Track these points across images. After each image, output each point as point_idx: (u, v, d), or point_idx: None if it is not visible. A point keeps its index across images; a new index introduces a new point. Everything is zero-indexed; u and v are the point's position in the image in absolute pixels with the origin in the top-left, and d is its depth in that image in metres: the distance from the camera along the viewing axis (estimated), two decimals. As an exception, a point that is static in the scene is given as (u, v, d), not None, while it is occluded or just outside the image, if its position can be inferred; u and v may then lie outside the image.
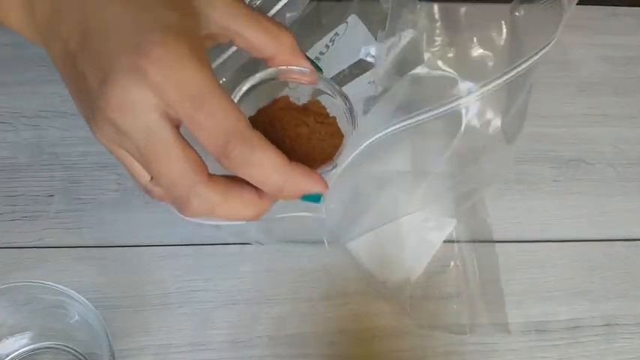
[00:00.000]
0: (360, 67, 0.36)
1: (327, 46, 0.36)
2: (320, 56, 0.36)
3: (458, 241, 0.39)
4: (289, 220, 0.34)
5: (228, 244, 0.38)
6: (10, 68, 0.43)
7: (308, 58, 0.25)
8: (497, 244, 0.39)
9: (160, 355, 0.35)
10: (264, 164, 0.20)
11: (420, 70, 0.30)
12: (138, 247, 0.38)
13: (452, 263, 0.39)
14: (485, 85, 0.30)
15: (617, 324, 0.38)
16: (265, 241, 0.37)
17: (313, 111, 0.25)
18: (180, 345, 0.35)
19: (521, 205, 0.41)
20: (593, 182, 0.42)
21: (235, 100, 0.24)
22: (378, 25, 0.32)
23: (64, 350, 0.34)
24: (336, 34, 0.36)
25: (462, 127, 0.31)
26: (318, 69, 0.26)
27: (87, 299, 0.36)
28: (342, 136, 0.25)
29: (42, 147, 0.41)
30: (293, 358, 0.35)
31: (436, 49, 0.30)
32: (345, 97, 0.26)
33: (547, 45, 0.29)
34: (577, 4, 0.30)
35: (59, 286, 0.30)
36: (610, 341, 0.37)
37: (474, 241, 0.39)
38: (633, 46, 0.48)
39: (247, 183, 0.21)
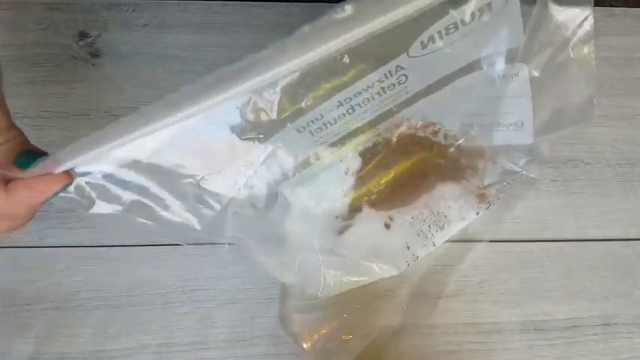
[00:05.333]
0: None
1: (473, 16, 0.28)
2: (460, 25, 0.28)
3: (458, 241, 0.39)
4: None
5: (229, 244, 0.38)
6: (10, 68, 0.43)
7: None
8: (497, 243, 0.39)
9: (160, 354, 0.35)
10: None
11: None
12: (138, 247, 0.38)
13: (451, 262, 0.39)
14: None
15: (616, 323, 0.38)
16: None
17: None
18: (181, 344, 0.36)
19: (521, 205, 0.41)
20: (592, 182, 0.42)
21: None
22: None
23: None
24: (489, 7, 0.28)
25: None
26: None
27: (87, 299, 0.36)
28: None
29: (42, 147, 0.40)
30: (294, 357, 0.36)
31: None
32: None
33: None
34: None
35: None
36: (609, 341, 0.37)
37: (471, 241, 0.39)
38: (632, 47, 0.48)
39: None
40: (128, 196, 0.28)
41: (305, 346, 0.35)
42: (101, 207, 0.28)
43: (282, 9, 0.47)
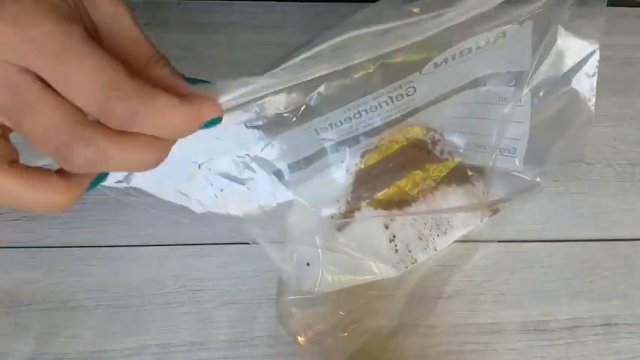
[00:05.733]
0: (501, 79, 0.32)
1: (488, 42, 0.30)
2: (474, 49, 0.30)
3: (459, 242, 0.39)
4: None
5: (229, 243, 0.38)
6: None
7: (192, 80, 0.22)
8: (497, 243, 0.39)
9: (160, 354, 0.35)
10: (159, 112, 0.19)
11: None
12: (138, 247, 0.38)
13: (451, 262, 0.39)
14: None
15: (617, 324, 0.38)
16: (261, 240, 0.37)
17: None
18: (181, 344, 0.35)
19: (522, 205, 0.41)
20: (592, 182, 0.42)
21: None
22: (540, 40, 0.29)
23: None
24: (504, 33, 0.29)
25: None
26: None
27: (87, 299, 0.36)
28: None
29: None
30: (294, 357, 0.35)
31: None
32: None
33: None
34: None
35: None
36: (609, 341, 0.37)
37: (473, 241, 0.39)
38: (633, 47, 0.48)
39: None
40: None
41: (300, 340, 0.35)
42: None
43: (281, 8, 0.47)
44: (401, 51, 0.25)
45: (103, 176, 0.22)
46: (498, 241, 0.39)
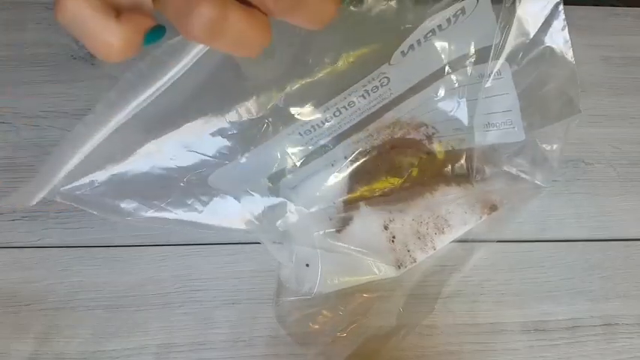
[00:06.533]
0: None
1: (449, 21, 0.29)
2: (437, 30, 0.30)
3: (459, 241, 0.39)
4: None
5: (229, 243, 0.38)
6: (10, 68, 0.43)
7: None
8: (497, 243, 0.39)
9: (160, 354, 0.35)
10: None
11: None
12: (138, 247, 0.38)
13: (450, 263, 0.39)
14: None
15: (617, 324, 0.38)
16: (265, 239, 0.37)
17: None
18: (181, 345, 0.35)
19: (521, 205, 0.41)
20: (592, 182, 0.42)
21: None
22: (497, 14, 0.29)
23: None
24: (463, 10, 0.29)
25: None
26: None
27: (87, 299, 0.36)
28: None
29: (42, 147, 0.41)
30: (294, 357, 0.35)
31: None
32: None
33: None
34: (577, 4, 0.30)
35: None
36: (609, 341, 0.37)
37: (473, 241, 0.39)
38: (633, 47, 0.48)
39: None
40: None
41: (298, 340, 0.35)
42: None
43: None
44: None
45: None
46: (498, 241, 0.39)
